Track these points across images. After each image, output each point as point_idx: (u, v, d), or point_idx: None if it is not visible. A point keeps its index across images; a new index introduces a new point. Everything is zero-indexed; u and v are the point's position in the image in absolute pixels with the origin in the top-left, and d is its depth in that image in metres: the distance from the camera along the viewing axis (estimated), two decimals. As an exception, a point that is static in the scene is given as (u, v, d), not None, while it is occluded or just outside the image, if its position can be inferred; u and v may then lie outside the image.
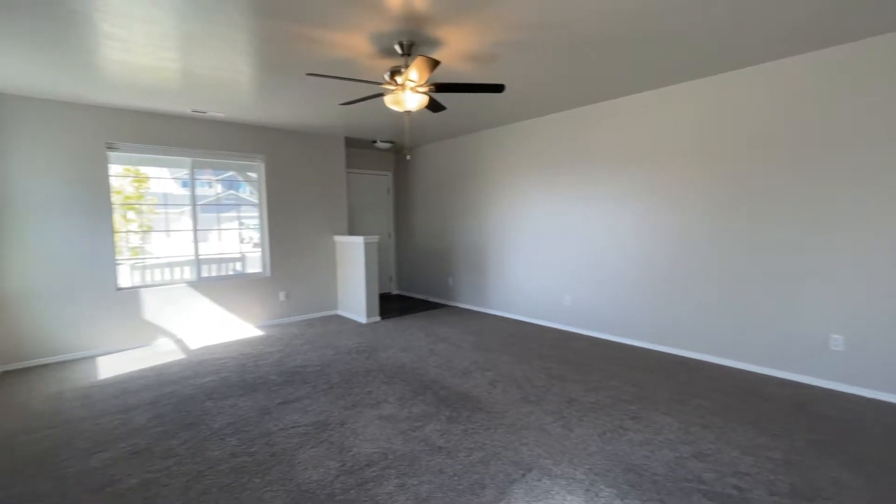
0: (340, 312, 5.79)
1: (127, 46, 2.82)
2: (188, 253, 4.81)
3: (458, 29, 2.62)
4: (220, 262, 5.11)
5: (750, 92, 3.33)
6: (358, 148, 6.63)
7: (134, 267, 4.60)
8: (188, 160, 4.70)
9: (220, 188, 5.25)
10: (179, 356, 4.07)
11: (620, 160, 4.16)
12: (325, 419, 2.73)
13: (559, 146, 4.69)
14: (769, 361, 3.36)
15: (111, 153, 4.23)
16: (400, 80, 2.79)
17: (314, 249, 5.61)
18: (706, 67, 3.36)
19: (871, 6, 2.44)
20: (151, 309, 4.47)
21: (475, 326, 4.98)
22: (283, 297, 5.35)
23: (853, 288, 2.96)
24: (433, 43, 2.80)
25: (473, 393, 3.08)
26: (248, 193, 5.42)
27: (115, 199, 4.30)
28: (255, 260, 5.33)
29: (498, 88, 2.85)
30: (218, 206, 5.20)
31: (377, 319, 5.34)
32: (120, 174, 4.41)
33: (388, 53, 2.94)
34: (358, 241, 5.25)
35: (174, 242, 4.82)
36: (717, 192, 3.55)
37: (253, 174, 5.25)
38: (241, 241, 5.32)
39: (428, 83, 2.86)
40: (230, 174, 5.23)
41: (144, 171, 4.71)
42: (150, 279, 4.66)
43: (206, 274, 4.93)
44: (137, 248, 4.67)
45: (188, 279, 4.79)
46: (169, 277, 4.76)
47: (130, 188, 4.62)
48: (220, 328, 4.91)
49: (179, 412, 2.87)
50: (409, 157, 6.71)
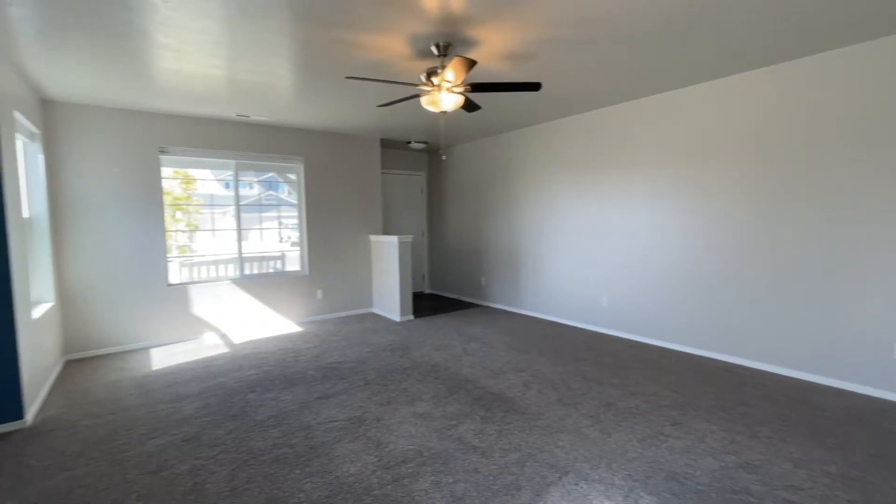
0: (375, 310, 5.89)
1: (179, 56, 2.97)
2: (231, 251, 5.03)
3: (495, 28, 2.61)
4: (261, 260, 5.31)
5: (807, 83, 3.15)
6: (392, 149, 6.73)
7: (182, 264, 4.86)
8: (232, 162, 4.91)
9: (259, 189, 5.46)
10: (224, 350, 4.27)
11: (662, 158, 4.03)
12: (361, 415, 2.79)
13: (597, 144, 4.59)
14: (823, 369, 3.16)
15: (163, 156, 4.48)
16: (436, 80, 2.81)
17: (350, 248, 5.73)
18: (758, 59, 3.20)
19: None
20: (198, 304, 4.70)
21: (508, 327, 4.95)
22: (320, 294, 5.50)
23: (921, 293, 2.75)
24: (470, 43, 2.81)
25: (507, 394, 3.07)
26: (286, 194, 5.61)
27: (165, 199, 4.55)
28: (294, 258, 5.51)
29: (534, 87, 2.83)
30: (259, 206, 5.40)
31: (410, 318, 5.40)
32: (169, 176, 4.66)
33: (424, 55, 2.97)
34: (392, 240, 5.33)
35: (218, 241, 5.05)
36: (767, 190, 3.38)
37: (292, 175, 5.42)
38: (280, 240, 5.52)
39: (464, 83, 2.87)
40: (270, 175, 5.43)
41: (192, 173, 4.96)
42: (196, 276, 4.91)
43: (248, 272, 5.14)
44: (184, 246, 4.92)
45: (232, 276, 5.01)
46: (214, 274, 4.99)
47: (178, 189, 4.88)
48: (261, 324, 5.11)
49: (225, 403, 3.01)
50: (444, 157, 6.74)
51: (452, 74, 2.62)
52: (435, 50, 2.83)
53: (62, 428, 2.69)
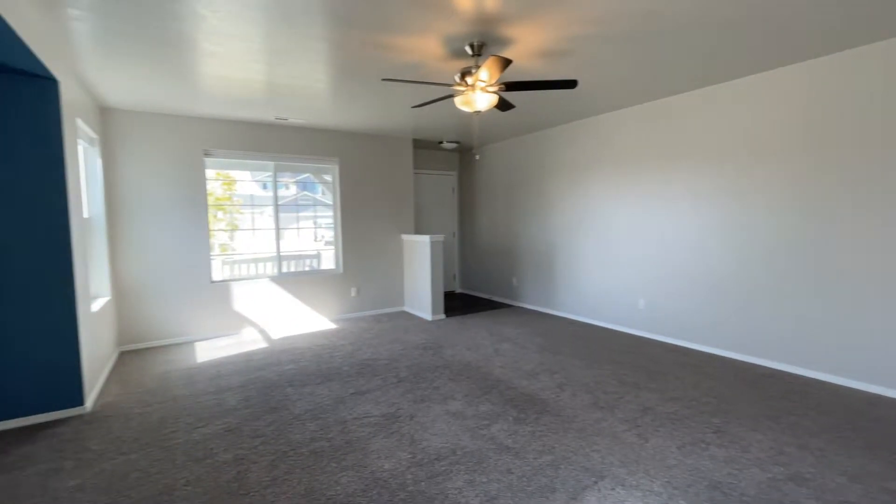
0: (407, 309, 5.96)
1: (224, 62, 3.11)
2: (269, 250, 5.21)
3: (530, 26, 2.59)
4: (298, 258, 5.47)
5: (863, 75, 2.96)
6: (424, 149, 6.78)
7: (224, 262, 5.07)
8: (271, 164, 5.09)
9: (295, 189, 5.63)
10: (263, 345, 4.43)
11: (705, 155, 3.88)
12: (395, 411, 2.83)
13: (634, 142, 4.47)
14: (881, 379, 2.96)
15: (207, 159, 4.69)
16: (470, 80, 2.82)
17: (383, 248, 5.82)
18: (808, 49, 3.03)
19: None
20: (239, 301, 4.90)
21: (540, 327, 4.90)
22: (353, 292, 5.62)
23: None
24: (504, 42, 2.79)
25: (541, 395, 3.04)
26: (320, 194, 5.76)
27: (208, 200, 4.76)
28: (328, 257, 5.65)
29: (570, 84, 2.78)
30: (296, 206, 5.57)
31: (442, 317, 5.43)
32: (211, 178, 4.88)
33: (458, 55, 2.98)
34: (424, 239, 5.37)
35: (256, 240, 5.24)
36: (815, 189, 3.20)
37: (328, 176, 5.56)
38: (314, 239, 5.68)
39: (498, 82, 2.86)
40: (306, 176, 5.59)
41: (232, 174, 5.17)
42: (237, 273, 5.12)
43: (285, 270, 5.31)
44: (225, 244, 5.13)
45: (270, 274, 5.19)
46: (254, 272, 5.19)
47: (219, 190, 5.09)
48: (297, 320, 5.27)
49: (265, 396, 3.12)
50: (477, 156, 6.72)
51: (487, 74, 2.62)
52: (469, 50, 2.83)
53: (118, 415, 2.87)
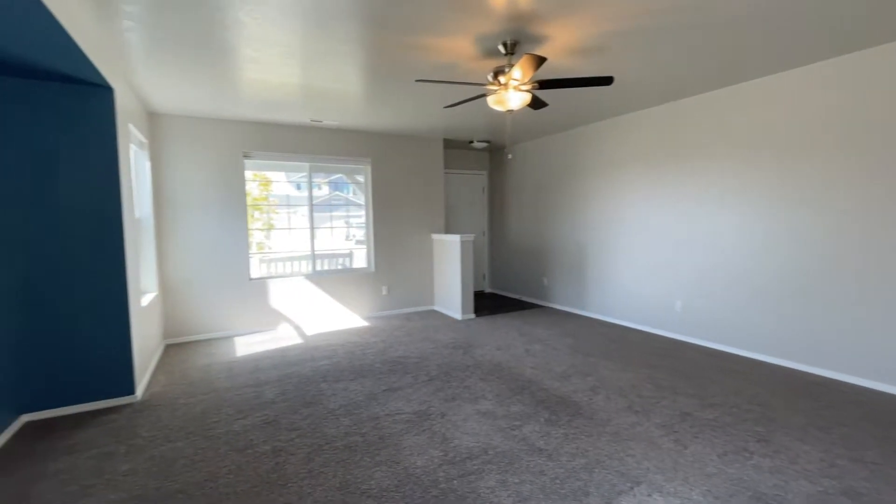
0: (436, 308, 5.99)
1: (262, 67, 3.22)
2: (304, 248, 5.36)
3: (564, 23, 2.55)
4: (331, 257, 5.60)
5: (926, 64, 2.76)
6: (454, 148, 6.79)
7: (261, 260, 5.25)
8: (307, 165, 5.23)
9: (327, 189, 5.76)
10: (298, 341, 4.56)
11: (747, 153, 3.72)
12: (426, 409, 2.86)
13: (671, 139, 4.33)
14: (947, 391, 2.76)
15: (246, 160, 4.87)
16: (503, 79, 2.81)
17: (413, 247, 5.88)
18: (853, 42, 2.85)
19: None
20: (275, 298, 5.06)
21: (572, 328, 4.82)
22: (385, 291, 5.70)
23: None
24: (538, 40, 2.77)
25: (573, 398, 3.00)
26: (351, 194, 5.87)
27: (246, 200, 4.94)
28: (360, 256, 5.76)
29: (606, 81, 2.73)
30: (329, 206, 5.70)
31: (472, 316, 5.43)
32: (249, 179, 5.05)
33: (490, 54, 2.97)
34: (454, 239, 5.39)
35: (290, 239, 5.40)
36: (869, 187, 3.00)
37: (360, 177, 5.66)
38: (346, 238, 5.80)
39: (531, 81, 2.83)
40: (338, 177, 5.71)
41: (268, 175, 5.35)
42: (273, 271, 5.29)
43: (319, 268, 5.44)
44: (261, 243, 5.31)
45: (305, 272, 5.33)
46: (289, 270, 5.34)
47: (256, 191, 5.27)
48: (330, 317, 5.39)
49: (300, 391, 3.22)
50: (510, 156, 6.67)
51: (520, 72, 2.60)
52: (502, 49, 2.82)
53: (165, 404, 3.03)
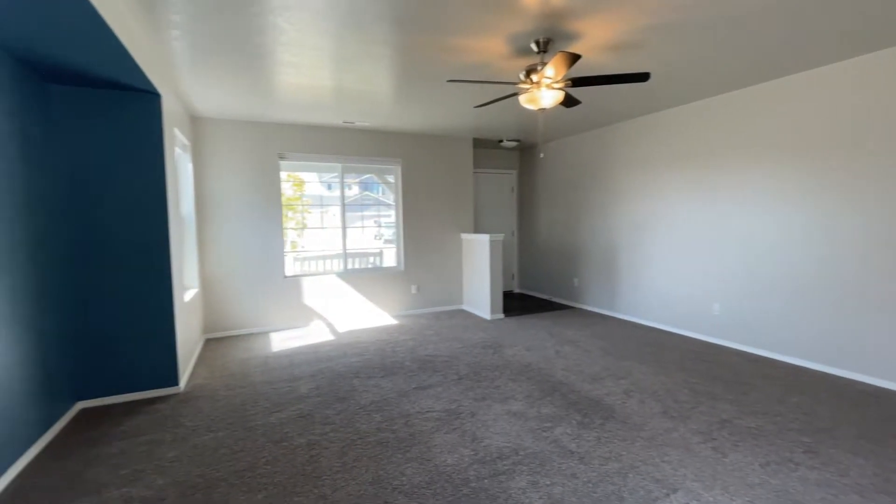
0: (465, 307, 6.00)
1: (298, 71, 3.31)
2: (335, 247, 5.47)
3: (598, 19, 2.51)
4: (361, 256, 5.70)
5: None
6: (484, 148, 6.77)
7: (295, 259, 5.40)
8: (339, 165, 5.34)
9: (357, 189, 5.86)
10: (330, 337, 4.67)
11: (789, 150, 3.54)
12: (456, 408, 2.87)
13: (709, 136, 4.18)
14: None
15: (281, 161, 5.02)
16: (535, 78, 2.78)
17: (442, 246, 5.91)
18: (926, 27, 2.67)
19: None
20: (308, 295, 5.19)
21: (603, 330, 4.73)
22: (414, 289, 5.75)
23: None
24: (571, 37, 2.73)
25: (606, 400, 2.94)
26: (380, 194, 5.95)
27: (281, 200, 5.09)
28: (390, 255, 5.83)
29: (643, 77, 2.66)
30: (360, 205, 5.80)
31: (501, 316, 5.41)
32: (283, 179, 5.20)
33: (522, 53, 2.95)
34: (484, 238, 5.38)
35: (322, 238, 5.52)
36: (937, 183, 2.81)
37: (390, 177, 5.73)
38: (375, 237, 5.88)
39: (564, 78, 2.80)
40: (367, 177, 5.79)
41: (301, 175, 5.49)
42: (306, 269, 5.43)
43: (350, 266, 5.55)
44: (294, 242, 5.46)
45: (336, 270, 5.45)
46: (321, 268, 5.47)
47: (289, 191, 5.42)
48: (361, 315, 5.49)
49: (333, 386, 3.29)
50: (542, 155, 6.59)
51: (553, 71, 2.57)
52: (535, 47, 2.80)
53: (206, 395, 3.16)
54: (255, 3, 2.28)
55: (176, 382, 3.23)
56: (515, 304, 6.25)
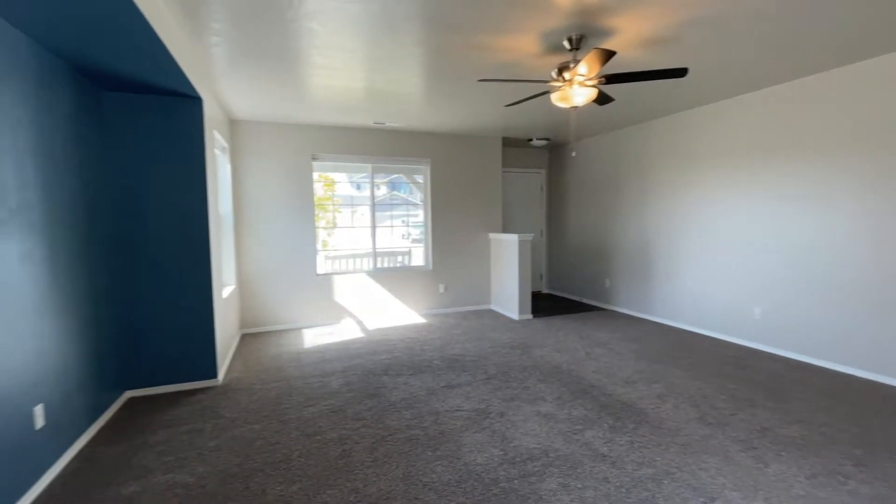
0: (493, 307, 5.98)
1: (330, 73, 3.38)
2: (365, 246, 5.56)
3: (634, 14, 2.45)
4: (390, 255, 5.77)
5: None
6: (513, 147, 6.72)
7: (326, 257, 5.52)
8: (369, 166, 5.42)
9: (385, 189, 5.93)
10: (360, 335, 4.75)
11: (837, 148, 3.36)
12: (485, 407, 2.87)
13: (749, 132, 4.01)
14: None
15: (314, 162, 5.14)
16: (568, 75, 2.74)
17: (470, 246, 5.91)
18: None
19: None
20: (339, 293, 5.30)
21: (636, 333, 4.62)
22: (442, 289, 5.78)
23: None
24: (605, 33, 2.68)
25: (639, 404, 2.87)
26: (408, 194, 6.00)
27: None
28: (418, 254, 5.88)
29: (680, 73, 2.58)
30: (388, 205, 5.88)
31: (529, 317, 5.36)
32: (315, 179, 5.32)
33: (554, 50, 2.92)
34: (512, 238, 5.34)
35: (352, 237, 5.62)
36: None
37: (419, 177, 5.77)
38: (403, 237, 5.94)
39: (598, 76, 2.75)
40: (395, 177, 5.86)
41: (332, 175, 5.61)
42: (337, 268, 5.54)
43: (379, 265, 5.62)
44: (325, 241, 5.58)
45: (366, 269, 5.54)
46: (351, 267, 5.57)
47: (320, 191, 5.53)
48: (390, 313, 5.56)
49: (364, 382, 3.35)
50: (574, 153, 6.47)
51: (586, 68, 2.53)
52: (567, 44, 2.76)
53: (243, 388, 3.28)
54: (290, 8, 2.35)
55: (215, 375, 3.36)
56: (544, 304, 6.18)
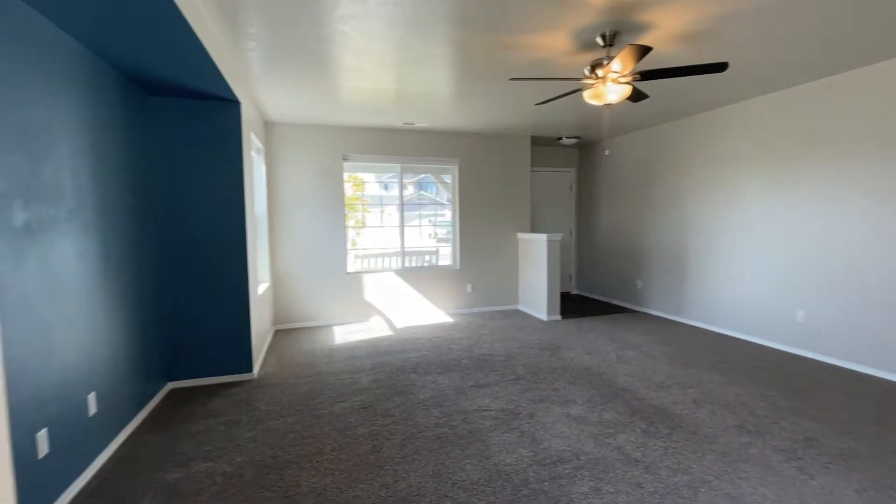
0: (521, 307, 5.94)
1: (361, 76, 3.44)
2: (393, 245, 5.63)
3: (671, 8, 2.38)
4: (418, 254, 5.82)
5: None
6: (542, 146, 6.65)
7: (356, 256, 5.62)
8: (398, 166, 5.48)
9: (412, 189, 5.98)
10: (388, 333, 4.81)
11: (879, 146, 3.16)
12: (514, 408, 2.86)
13: (791, 129, 3.82)
14: None
15: (345, 163, 5.23)
16: (601, 73, 2.70)
17: (498, 245, 5.89)
18: None
19: None
20: (368, 291, 5.39)
21: (669, 336, 4.49)
22: (469, 288, 5.78)
23: None
24: (640, 28, 2.62)
25: (673, 409, 2.80)
26: (434, 193, 6.02)
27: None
28: (445, 253, 5.90)
29: (720, 67, 2.50)
30: (416, 205, 5.93)
31: (558, 318, 5.29)
32: (345, 180, 5.42)
33: (587, 47, 2.87)
34: (541, 238, 5.29)
35: (380, 236, 5.69)
36: None
37: (446, 176, 5.79)
38: (429, 236, 5.98)
39: (632, 72, 2.69)
40: (423, 177, 5.90)
41: (361, 176, 5.70)
42: (366, 266, 5.63)
43: (407, 264, 5.68)
44: (354, 240, 5.67)
45: (394, 268, 5.60)
46: (379, 266, 5.65)
47: (349, 191, 5.63)
48: (417, 312, 5.61)
49: (392, 380, 3.40)
50: (607, 152, 6.33)
51: (620, 65, 2.48)
52: (600, 41, 2.71)
53: (277, 383, 3.38)
54: (325, 13, 2.40)
55: (250, 369, 3.48)
56: (573, 305, 6.09)
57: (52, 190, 1.98)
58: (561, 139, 6.17)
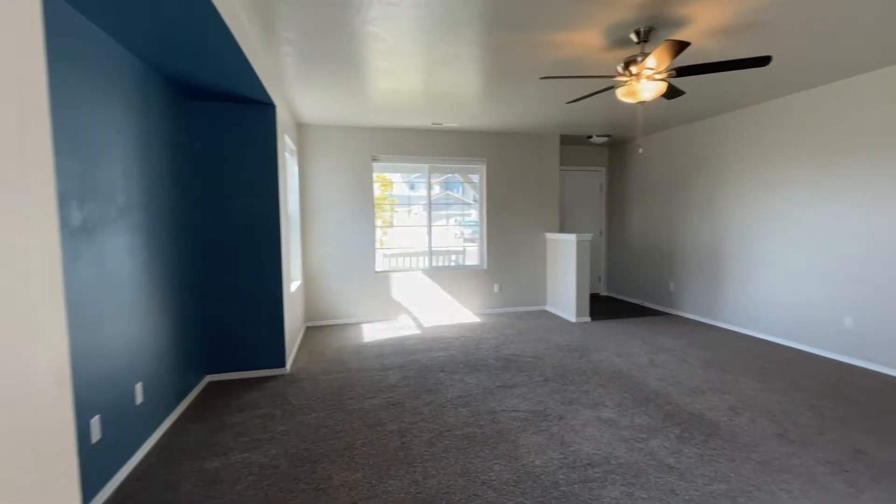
0: (549, 308, 5.87)
1: (391, 77, 3.48)
2: (421, 245, 5.67)
3: (708, 2, 2.31)
4: (445, 253, 5.84)
5: None
6: (571, 144, 6.55)
7: (384, 255, 5.69)
8: (426, 166, 5.52)
9: (438, 189, 6.00)
10: (416, 331, 4.85)
11: (958, 134, 2.96)
12: (543, 409, 2.83)
13: (834, 125, 3.63)
14: None
15: (374, 164, 5.31)
16: (635, 69, 2.64)
17: (526, 245, 5.84)
18: None
19: None
20: (396, 290, 5.45)
21: (703, 340, 4.35)
22: (496, 288, 5.76)
23: None
24: (677, 23, 2.55)
25: (708, 415, 2.71)
26: (460, 193, 6.02)
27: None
28: (473, 253, 5.90)
29: (762, 62, 2.40)
30: (443, 204, 5.95)
31: (587, 320, 5.21)
32: (374, 180, 5.49)
33: (620, 44, 2.82)
34: (570, 238, 5.22)
35: (408, 236, 5.75)
36: None
37: (474, 176, 5.79)
38: (456, 236, 5.98)
39: (668, 69, 2.62)
40: (449, 176, 5.91)
41: (389, 176, 5.77)
42: (393, 265, 5.69)
43: (435, 264, 5.71)
44: (382, 239, 5.74)
45: (422, 267, 5.65)
46: (407, 265, 5.71)
47: (378, 191, 5.70)
48: (445, 311, 5.63)
49: (420, 378, 3.43)
50: (640, 150, 6.18)
51: (655, 61, 2.42)
52: (634, 37, 2.65)
53: (309, 378, 3.47)
54: (357, 15, 2.44)
55: (283, 364, 3.58)
56: (602, 307, 5.97)
57: (104, 191, 2.10)
58: (591, 138, 6.06)
